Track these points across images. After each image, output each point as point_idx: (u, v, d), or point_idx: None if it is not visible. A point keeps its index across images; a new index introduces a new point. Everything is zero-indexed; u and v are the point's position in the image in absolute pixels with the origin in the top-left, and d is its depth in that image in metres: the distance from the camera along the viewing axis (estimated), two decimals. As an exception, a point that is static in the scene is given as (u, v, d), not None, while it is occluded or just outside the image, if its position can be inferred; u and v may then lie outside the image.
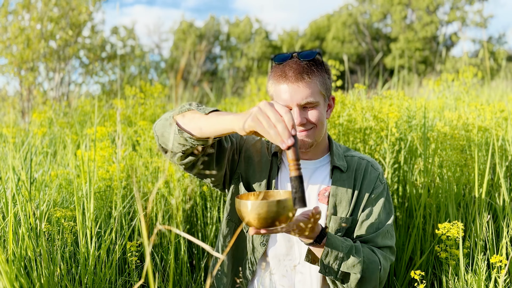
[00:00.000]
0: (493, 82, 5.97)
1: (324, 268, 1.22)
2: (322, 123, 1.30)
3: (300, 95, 1.25)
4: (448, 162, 1.86)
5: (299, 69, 1.26)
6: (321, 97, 1.30)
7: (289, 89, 1.26)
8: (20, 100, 4.63)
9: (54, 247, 1.39)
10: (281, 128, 0.96)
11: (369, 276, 1.23)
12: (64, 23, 4.84)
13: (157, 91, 2.80)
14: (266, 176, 1.37)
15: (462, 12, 18.56)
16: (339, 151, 1.41)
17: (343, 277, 1.24)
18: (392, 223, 1.35)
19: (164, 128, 1.19)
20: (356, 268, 1.21)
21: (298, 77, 1.26)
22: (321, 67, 1.31)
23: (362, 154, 1.44)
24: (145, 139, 2.26)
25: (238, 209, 1.08)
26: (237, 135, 1.40)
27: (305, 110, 1.28)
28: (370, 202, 1.34)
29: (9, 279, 1.15)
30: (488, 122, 2.12)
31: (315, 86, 1.27)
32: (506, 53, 15.01)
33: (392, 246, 1.34)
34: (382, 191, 1.36)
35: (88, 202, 1.42)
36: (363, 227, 1.32)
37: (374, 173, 1.37)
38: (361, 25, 20.06)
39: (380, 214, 1.33)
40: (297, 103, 1.25)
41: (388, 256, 1.31)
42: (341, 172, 1.36)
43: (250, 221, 1.05)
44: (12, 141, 2.46)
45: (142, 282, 1.46)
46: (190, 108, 1.18)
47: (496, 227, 1.83)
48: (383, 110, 2.14)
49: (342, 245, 1.22)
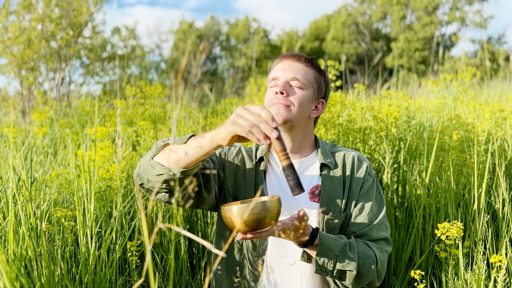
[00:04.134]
0: (492, 82, 5.98)
1: (320, 268, 1.23)
2: (300, 105, 1.31)
3: (292, 70, 1.33)
4: (447, 162, 1.87)
5: (299, 55, 1.37)
6: (311, 87, 1.35)
7: (285, 64, 1.35)
8: (20, 100, 4.64)
9: (54, 247, 1.39)
10: (262, 125, 0.99)
11: (365, 271, 1.24)
12: (65, 24, 4.85)
13: (157, 91, 2.81)
14: (253, 184, 1.38)
15: (461, 13, 18.56)
16: (326, 148, 1.42)
17: (339, 275, 1.24)
18: (385, 214, 1.35)
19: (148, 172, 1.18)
20: (352, 265, 1.22)
21: (297, 58, 1.35)
22: (318, 68, 1.39)
23: (348, 149, 1.45)
24: (145, 139, 2.27)
25: (224, 216, 1.09)
26: (216, 155, 1.42)
27: (290, 88, 1.32)
28: (362, 196, 1.35)
29: (9, 278, 1.15)
30: (487, 122, 2.12)
31: (308, 73, 1.35)
32: (506, 53, 15.00)
33: (387, 238, 1.34)
34: (372, 184, 1.37)
35: (89, 202, 1.43)
36: (356, 221, 1.32)
37: (362, 167, 1.38)
38: (360, 25, 20.07)
39: (372, 207, 1.34)
40: (286, 77, 1.32)
41: (384, 248, 1.31)
42: (330, 169, 1.37)
43: (236, 226, 1.06)
44: (13, 141, 2.46)
45: (142, 282, 1.47)
46: (165, 143, 1.19)
47: (495, 227, 1.84)
48: (382, 110, 2.15)
49: (336, 243, 1.22)
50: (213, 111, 3.02)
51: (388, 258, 1.91)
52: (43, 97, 4.65)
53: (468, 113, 2.24)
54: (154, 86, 2.85)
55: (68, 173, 1.90)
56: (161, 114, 2.78)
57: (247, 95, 3.50)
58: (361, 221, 1.32)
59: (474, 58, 15.49)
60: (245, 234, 1.07)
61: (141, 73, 11.25)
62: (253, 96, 2.86)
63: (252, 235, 1.07)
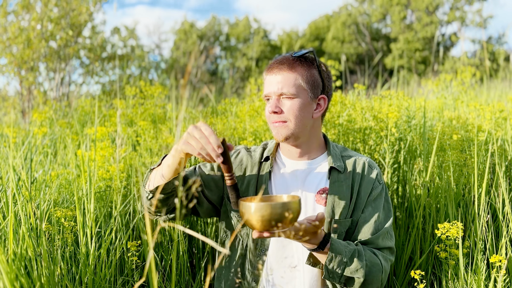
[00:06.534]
0: (492, 82, 5.98)
1: (328, 274, 1.23)
2: (296, 116, 1.29)
3: (276, 85, 1.29)
4: (447, 162, 1.86)
5: (282, 61, 1.31)
6: (302, 91, 1.29)
7: (270, 80, 1.32)
8: (20, 100, 4.64)
9: (54, 247, 1.39)
10: (209, 149, 1.09)
11: (371, 279, 1.24)
12: (64, 24, 4.84)
13: (157, 91, 2.81)
14: (255, 184, 1.38)
15: (461, 12, 18.56)
16: (336, 151, 1.40)
17: (346, 281, 1.25)
18: (391, 223, 1.35)
19: (143, 198, 1.32)
20: (360, 273, 1.22)
21: (280, 67, 1.30)
22: (310, 63, 1.32)
23: (360, 154, 1.43)
24: (145, 139, 2.27)
25: (241, 211, 1.09)
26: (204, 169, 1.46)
27: (282, 100, 1.30)
28: (369, 203, 1.34)
29: (9, 279, 1.15)
30: (487, 122, 2.12)
31: (295, 79, 1.29)
32: (506, 53, 15.00)
33: (392, 247, 1.34)
34: (380, 191, 1.36)
35: (89, 202, 1.43)
36: (363, 229, 1.32)
37: (372, 173, 1.36)
38: (360, 25, 20.06)
39: (379, 216, 1.33)
40: (274, 92, 1.30)
41: (388, 257, 1.31)
42: (339, 172, 1.35)
43: (253, 224, 1.06)
44: (13, 141, 2.46)
45: (142, 281, 1.46)
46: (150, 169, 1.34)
47: (495, 227, 1.84)
48: (382, 110, 2.15)
49: (345, 250, 1.22)
50: (213, 111, 3.02)
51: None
52: (43, 97, 4.65)
53: (469, 113, 2.24)
54: (154, 86, 2.85)
55: (68, 173, 1.90)
56: (161, 114, 2.78)
57: (247, 95, 3.50)
58: (367, 229, 1.31)
59: (474, 58, 15.49)
60: (261, 233, 1.07)
61: (141, 73, 11.24)
62: (253, 96, 2.86)
63: (269, 234, 1.07)
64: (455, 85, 3.00)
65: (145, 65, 12.71)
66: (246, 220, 1.07)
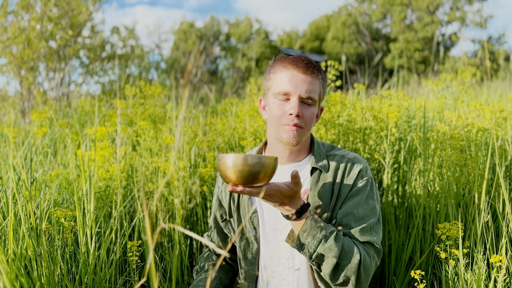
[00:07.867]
0: (492, 82, 5.98)
1: (300, 245, 1.18)
2: (310, 124, 1.30)
3: (305, 87, 1.26)
4: (447, 162, 1.86)
5: (308, 63, 1.28)
6: (319, 100, 1.31)
7: (296, 78, 1.26)
8: (20, 100, 4.64)
9: (54, 247, 1.39)
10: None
11: (345, 264, 1.17)
12: (64, 23, 4.84)
13: (157, 91, 2.80)
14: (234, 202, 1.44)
15: (461, 12, 18.56)
16: (321, 151, 1.37)
17: (318, 260, 1.19)
18: (376, 220, 1.29)
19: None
20: (333, 252, 1.16)
21: (308, 69, 1.27)
22: (322, 74, 1.33)
23: (346, 151, 1.39)
24: (145, 139, 2.26)
25: (218, 164, 1.09)
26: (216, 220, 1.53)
27: (303, 105, 1.27)
28: (350, 198, 1.29)
29: (9, 278, 1.15)
30: (487, 122, 2.12)
31: (318, 85, 1.29)
32: (506, 53, 14.99)
33: (373, 243, 1.24)
34: (364, 186, 1.31)
35: (88, 202, 1.43)
36: (342, 221, 1.27)
37: (354, 169, 1.32)
38: (360, 25, 20.06)
39: (360, 209, 1.27)
40: (300, 95, 1.26)
41: (372, 254, 1.23)
42: (321, 172, 1.33)
43: (229, 176, 1.07)
44: (13, 141, 2.46)
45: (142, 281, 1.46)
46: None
47: (495, 227, 1.84)
48: (382, 110, 2.15)
49: (325, 227, 1.18)
50: (213, 111, 3.02)
51: (388, 258, 1.91)
52: (43, 97, 4.65)
53: (469, 113, 2.24)
54: (154, 86, 2.85)
55: (68, 173, 1.90)
56: (161, 114, 2.77)
57: (247, 95, 3.50)
58: (346, 221, 1.26)
59: (474, 58, 15.49)
60: (235, 186, 1.07)
61: (141, 73, 11.24)
62: (253, 96, 2.86)
63: (243, 188, 1.07)
64: (455, 85, 3.00)
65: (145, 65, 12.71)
66: (221, 172, 1.08)
